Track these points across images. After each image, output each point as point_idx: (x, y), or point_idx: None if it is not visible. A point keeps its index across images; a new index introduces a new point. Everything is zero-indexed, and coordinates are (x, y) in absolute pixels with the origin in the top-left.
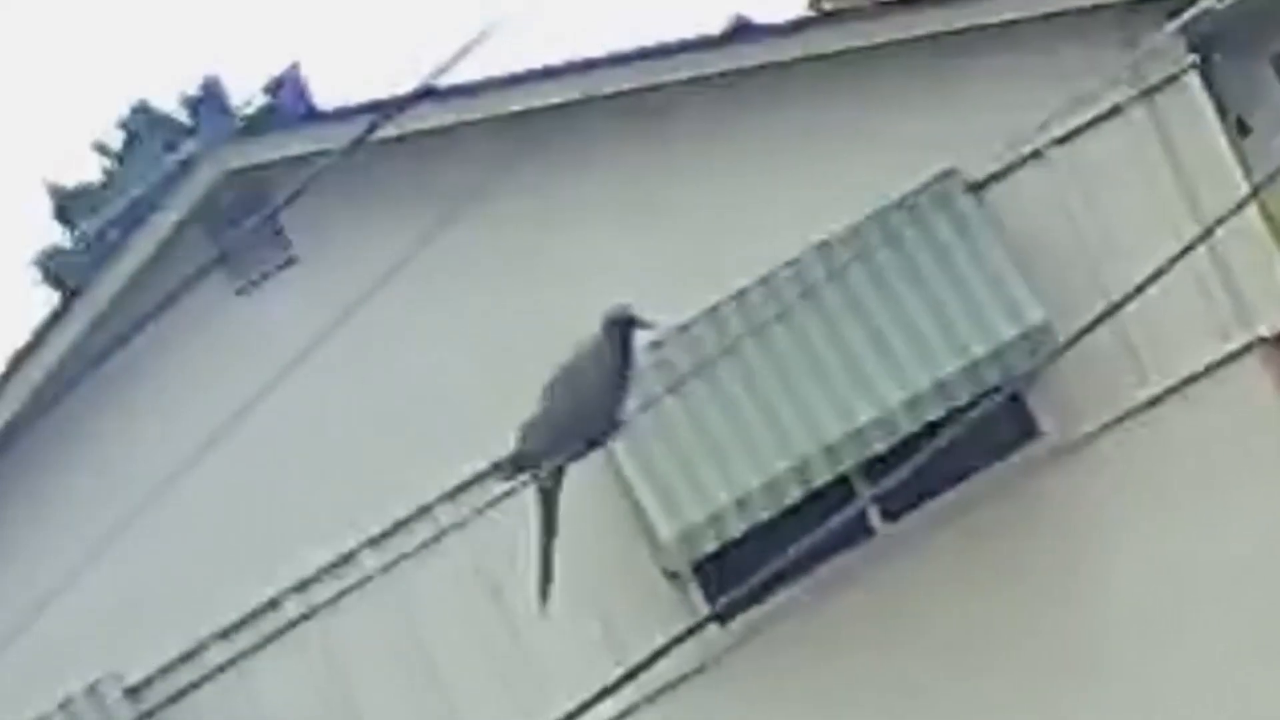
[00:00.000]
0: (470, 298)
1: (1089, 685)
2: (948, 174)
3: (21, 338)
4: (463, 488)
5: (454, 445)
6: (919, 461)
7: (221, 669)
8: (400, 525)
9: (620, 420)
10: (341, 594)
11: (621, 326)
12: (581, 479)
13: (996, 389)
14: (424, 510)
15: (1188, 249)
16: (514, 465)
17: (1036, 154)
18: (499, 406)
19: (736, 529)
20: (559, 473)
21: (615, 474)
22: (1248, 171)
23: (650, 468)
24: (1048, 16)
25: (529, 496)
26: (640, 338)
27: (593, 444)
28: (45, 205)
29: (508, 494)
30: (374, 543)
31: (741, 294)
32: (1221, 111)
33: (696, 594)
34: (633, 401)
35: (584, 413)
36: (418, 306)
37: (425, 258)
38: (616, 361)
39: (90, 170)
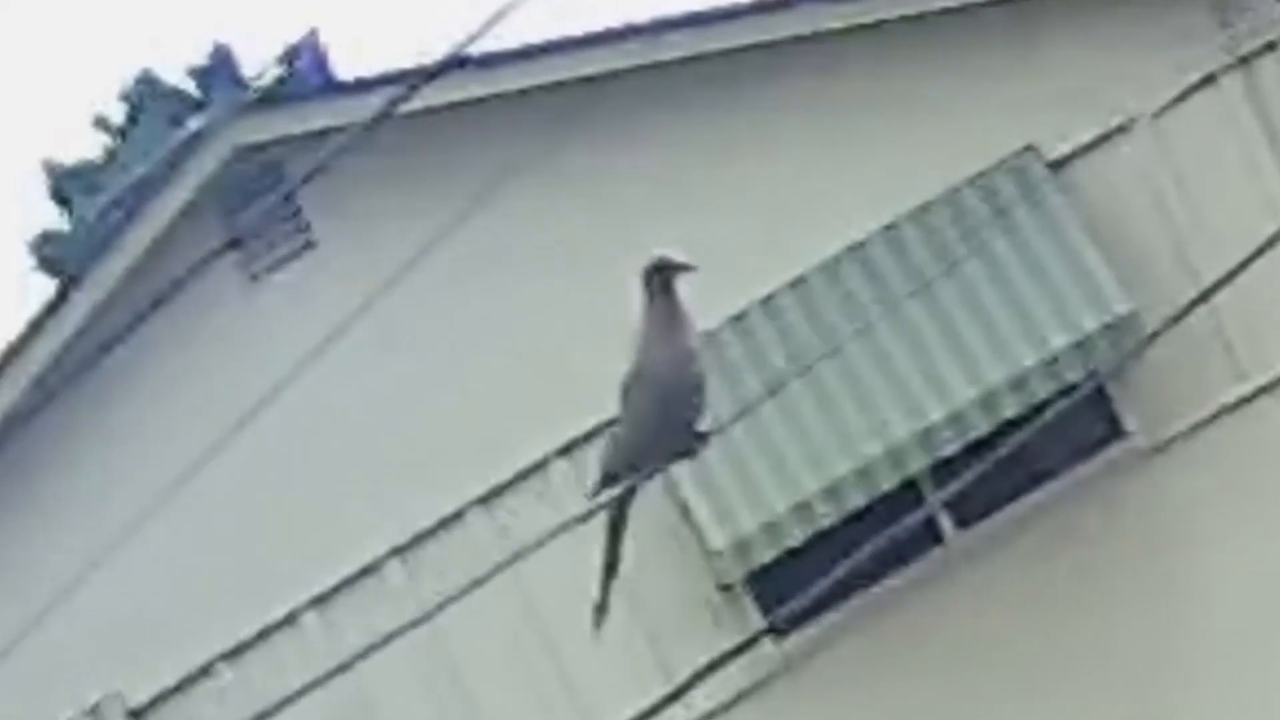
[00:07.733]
0: (504, 286)
1: (1178, 703)
2: (1025, 150)
3: (16, 329)
4: (497, 492)
5: (485, 446)
6: (994, 463)
7: (231, 691)
8: (428, 534)
9: (703, 429)
10: (363, 609)
11: (663, 275)
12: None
13: (1078, 385)
14: (454, 517)
15: None
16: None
17: (1122, 128)
18: (534, 405)
19: (795, 537)
20: (627, 499)
21: (662, 476)
22: None
23: (701, 470)
24: None
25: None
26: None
27: (679, 455)
28: (41, 185)
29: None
30: (399, 553)
31: (801, 281)
32: None
33: (752, 608)
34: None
35: (663, 417)
36: (446, 295)
37: (455, 242)
38: (679, 339)
39: (90, 147)
